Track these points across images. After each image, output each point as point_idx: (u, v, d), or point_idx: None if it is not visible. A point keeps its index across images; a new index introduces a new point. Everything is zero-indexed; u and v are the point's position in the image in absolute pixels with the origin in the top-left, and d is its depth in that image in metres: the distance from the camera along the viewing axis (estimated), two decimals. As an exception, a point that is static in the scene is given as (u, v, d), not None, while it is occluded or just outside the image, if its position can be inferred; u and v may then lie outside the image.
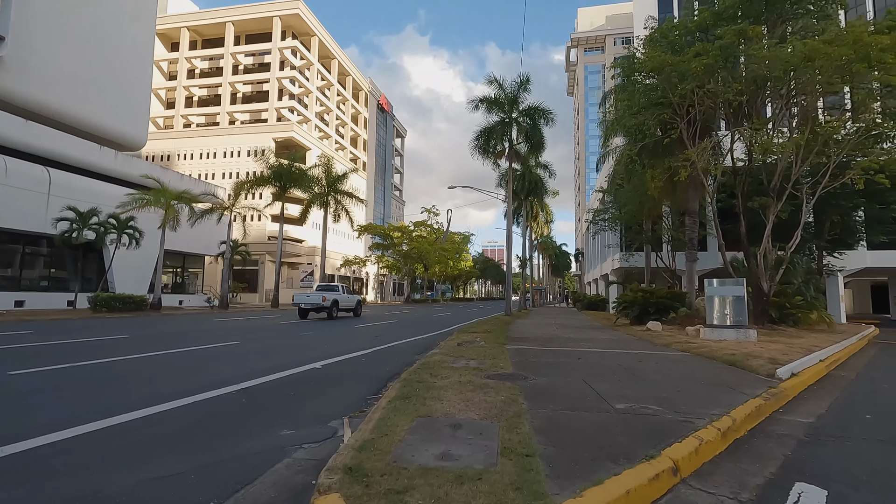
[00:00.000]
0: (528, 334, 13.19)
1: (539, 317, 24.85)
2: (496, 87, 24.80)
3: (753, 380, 6.36)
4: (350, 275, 67.74)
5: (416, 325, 18.06)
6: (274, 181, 29.49)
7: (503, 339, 10.97)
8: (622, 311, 15.74)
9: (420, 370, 6.42)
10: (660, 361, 7.88)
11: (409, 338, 12.86)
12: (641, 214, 20.27)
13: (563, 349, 9.51)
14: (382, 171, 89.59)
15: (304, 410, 4.78)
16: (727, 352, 8.68)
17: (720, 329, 11.23)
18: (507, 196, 25.75)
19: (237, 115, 62.59)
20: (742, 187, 13.78)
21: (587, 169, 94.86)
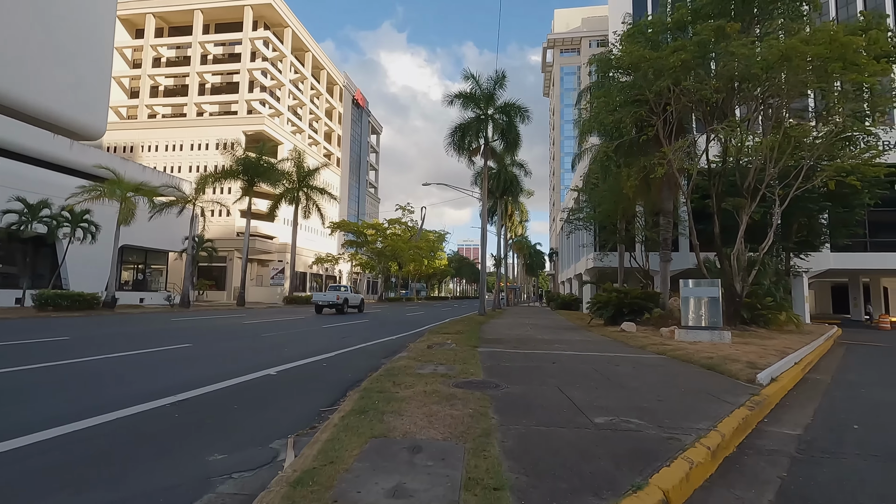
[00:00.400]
0: (501, 335, 12.79)
1: (513, 316, 24.58)
2: (472, 83, 24.38)
3: (734, 386, 6.07)
4: (323, 273, 66.44)
5: (388, 326, 17.48)
6: (241, 175, 28.32)
7: (475, 341, 10.53)
8: (596, 312, 15.54)
9: (383, 378, 5.89)
10: (637, 366, 7.55)
11: (378, 339, 12.29)
12: (616, 214, 20.18)
13: (537, 352, 9.12)
14: (357, 167, 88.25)
15: (245, 428, 4.19)
16: (704, 355, 8.43)
17: (695, 331, 11.05)
18: (482, 194, 25.38)
19: (206, 106, 60.48)
20: (716, 188, 13.71)
21: (562, 169, 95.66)
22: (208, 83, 61.28)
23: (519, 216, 48.42)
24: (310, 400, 5.25)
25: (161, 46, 61.26)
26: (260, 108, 59.86)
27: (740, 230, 12.80)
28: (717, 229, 13.91)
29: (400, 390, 5.08)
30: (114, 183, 21.86)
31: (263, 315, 22.19)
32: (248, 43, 59.02)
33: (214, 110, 60.84)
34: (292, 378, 6.60)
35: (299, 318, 20.51)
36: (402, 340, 11.89)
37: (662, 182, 16.20)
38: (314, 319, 19.45)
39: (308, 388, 6.04)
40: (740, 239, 12.91)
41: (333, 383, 6.20)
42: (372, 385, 5.39)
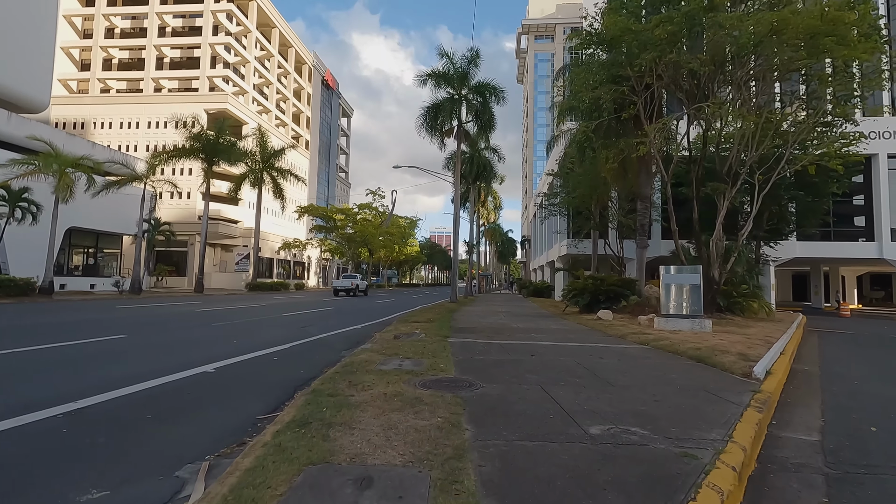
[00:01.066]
0: (474, 324, 12.09)
1: (486, 304, 24.00)
2: (446, 61, 23.36)
3: (731, 381, 5.50)
4: (290, 258, 64.49)
5: (354, 314, 16.56)
6: (199, 154, 26.48)
7: (447, 331, 9.76)
8: (572, 300, 15.04)
9: (338, 376, 5.05)
10: (622, 358, 6.93)
11: (342, 328, 11.39)
12: (592, 199, 19.69)
13: (513, 342, 8.43)
14: (327, 150, 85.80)
15: (150, 447, 3.29)
16: (690, 345, 7.90)
17: (675, 319, 10.60)
18: (454, 177, 24.53)
19: (164, 81, 57.17)
20: (695, 172, 13.28)
21: (535, 157, 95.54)
22: (167, 57, 57.86)
23: (492, 203, 47.85)
24: (246, 405, 4.37)
25: (115, 16, 57.42)
26: (223, 85, 57.01)
27: (720, 215, 12.42)
28: (696, 215, 13.52)
29: (355, 393, 4.26)
30: (49, 156, 19.88)
31: (221, 302, 20.88)
32: (209, 15, 55.89)
33: (174, 86, 57.59)
34: (232, 376, 5.67)
35: (259, 305, 19.33)
36: (367, 330, 11.03)
37: (640, 166, 15.73)
38: (273, 308, 18.34)
39: (248, 389, 5.13)
40: (719, 224, 12.53)
41: (280, 383, 5.31)
42: (323, 386, 4.54)
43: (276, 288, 34.78)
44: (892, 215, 26.99)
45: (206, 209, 28.15)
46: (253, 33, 60.69)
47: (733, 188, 12.19)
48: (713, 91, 12.47)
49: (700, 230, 13.70)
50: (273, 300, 23.49)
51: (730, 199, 12.27)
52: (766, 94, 12.56)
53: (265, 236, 57.96)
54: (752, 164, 12.25)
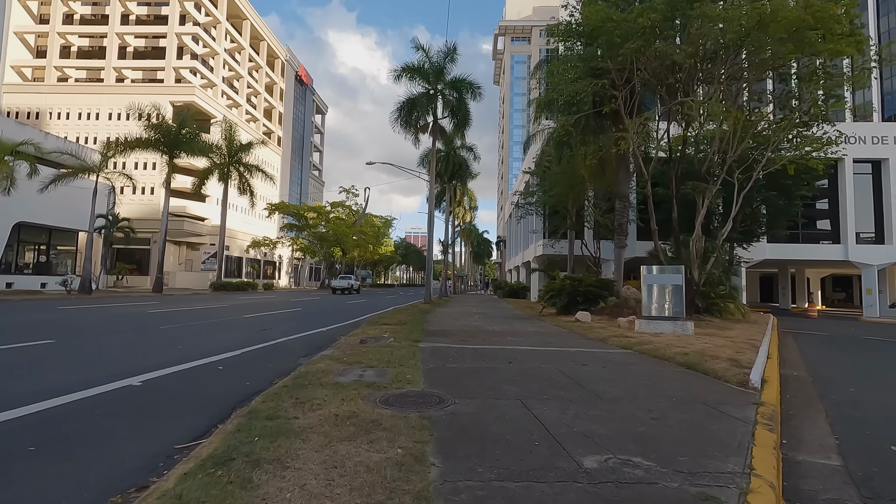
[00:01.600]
0: (448, 326, 11.44)
1: (460, 305, 23.40)
2: (422, 55, 22.67)
3: (728, 392, 5.00)
4: (261, 258, 62.62)
5: (322, 315, 15.70)
6: (160, 145, 24.96)
7: (418, 335, 9.07)
8: (549, 301, 14.57)
9: (286, 391, 4.30)
10: (606, 365, 6.38)
11: (306, 331, 10.57)
12: (569, 198, 19.30)
13: (489, 347, 7.80)
14: (300, 147, 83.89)
15: (10, 496, 2.50)
16: (676, 350, 7.43)
17: (657, 321, 10.18)
18: (429, 175, 23.86)
19: (127, 71, 54.63)
20: (675, 170, 12.96)
21: (511, 158, 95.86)
22: (130, 46, 55.30)
23: (468, 202, 47.35)
24: (166, 430, 3.58)
25: (73, 1, 54.57)
26: (190, 77, 54.82)
27: (700, 215, 12.11)
28: (675, 214, 13.20)
29: (301, 414, 3.53)
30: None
31: (179, 303, 19.65)
32: (176, 4, 53.69)
33: (137, 77, 55.10)
34: (163, 391, 4.85)
35: (220, 306, 18.22)
36: (333, 333, 10.25)
37: (619, 164, 15.38)
38: (235, 309, 17.30)
39: (176, 407, 4.33)
40: (699, 224, 12.22)
41: (218, 399, 4.53)
42: (264, 405, 3.79)
43: (242, 288, 33.38)
44: (857, 219, 27.64)
45: (165, 204, 26.58)
46: (223, 24, 58.66)
47: (714, 187, 11.89)
48: (693, 89, 12.16)
49: (679, 230, 13.39)
50: (237, 301, 22.33)
51: (710, 198, 11.97)
52: (747, 93, 12.32)
53: (234, 234, 56.12)
54: (732, 163, 11.98)
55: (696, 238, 12.45)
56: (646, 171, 12.54)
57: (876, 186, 28.25)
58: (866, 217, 28.18)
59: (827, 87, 10.64)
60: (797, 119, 12.02)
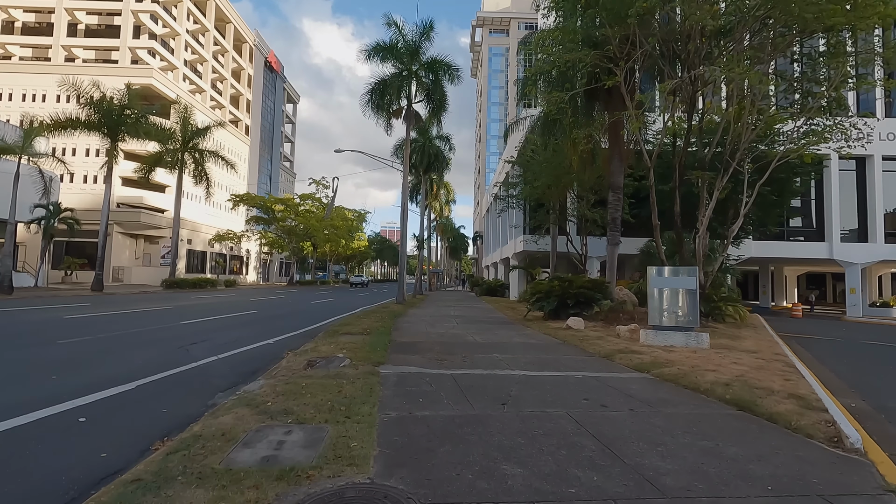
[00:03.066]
0: (421, 337, 9.67)
1: (436, 304, 21.65)
2: (395, 32, 20.70)
3: (828, 461, 3.39)
4: (227, 252, 59.52)
5: (278, 319, 13.73)
6: (101, 127, 22.19)
7: (382, 352, 7.27)
8: (535, 303, 12.95)
9: (138, 492, 2.47)
10: (633, 405, 4.72)
11: (248, 345, 8.64)
12: (555, 189, 17.73)
13: (472, 373, 6.07)
14: (270, 137, 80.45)
15: None
16: (709, 375, 5.85)
17: (667, 332, 8.64)
18: (403, 163, 21.96)
19: (77, 50, 50.70)
20: (679, 158, 11.48)
21: (488, 152, 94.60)
22: (81, 23, 51.34)
23: (445, 195, 45.56)
24: None
25: (17, -28, 50.19)
26: (148, 58, 51.26)
27: (707, 209, 10.66)
28: (678, 208, 11.73)
29: None
30: None
31: (115, 304, 17.30)
32: (132, -21, 49.98)
33: (90, 56, 51.23)
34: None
35: (160, 309, 16.01)
36: (281, 347, 8.36)
37: (612, 152, 13.86)
38: (176, 313, 15.16)
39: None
40: (706, 219, 10.77)
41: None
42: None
43: (201, 285, 30.81)
44: (842, 217, 27.07)
45: (107, 193, 23.70)
46: (184, 3, 55.05)
47: (725, 176, 10.44)
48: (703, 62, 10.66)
49: (681, 226, 11.94)
50: (187, 301, 20.04)
51: (720, 189, 10.51)
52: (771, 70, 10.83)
53: (197, 227, 52.96)
54: (745, 150, 10.55)
55: (702, 235, 11.00)
56: (648, 158, 11.00)
57: (860, 183, 27.72)
58: (850, 215, 27.66)
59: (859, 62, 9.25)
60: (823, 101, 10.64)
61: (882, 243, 26.41)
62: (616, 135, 13.56)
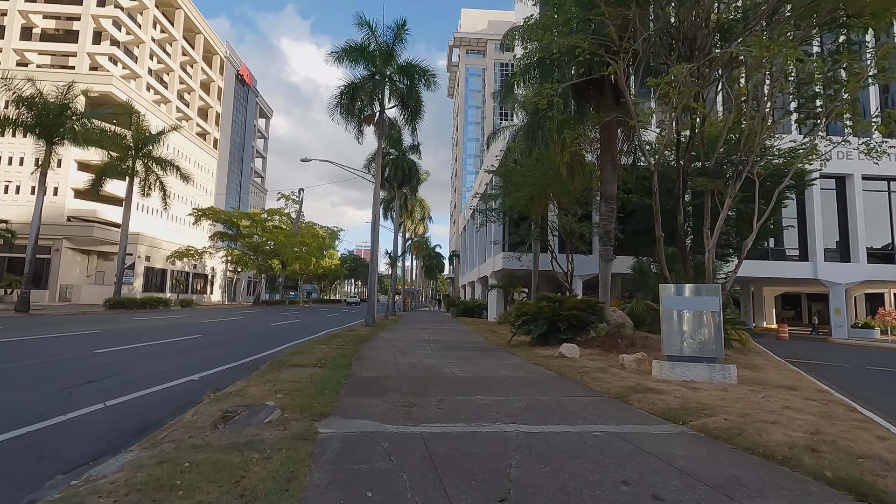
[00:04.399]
0: (386, 370, 7.89)
1: (409, 327, 19.81)
2: (367, 32, 19.26)
3: None
4: (190, 270, 56.20)
5: (222, 346, 11.72)
6: (34, 128, 19.77)
7: (330, 397, 5.48)
8: (521, 327, 11.34)
9: None
10: (700, 494, 3.07)
11: (159, 384, 6.71)
12: (540, 201, 16.31)
13: (451, 430, 4.35)
14: (240, 152, 77.89)
15: None
16: (777, 433, 4.28)
17: (686, 364, 7.11)
18: (375, 172, 20.31)
19: (31, 55, 47.80)
20: (682, 164, 10.19)
21: (464, 171, 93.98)
22: (37, 27, 48.57)
23: (420, 212, 43.96)
24: None
25: (-33, -28, 47.36)
26: (109, 65, 48.70)
27: (718, 220, 9.32)
28: (682, 218, 10.39)
29: None
30: None
31: (30, 328, 14.90)
32: (94, -17, 47.73)
33: (44, 62, 48.31)
34: None
35: (83, 333, 13.76)
36: (202, 387, 6.49)
37: (605, 157, 12.54)
38: (103, 338, 12.98)
39: None
40: (717, 233, 9.42)
41: None
42: None
43: (151, 305, 28.12)
44: (824, 236, 26.61)
45: (38, 201, 20.65)
46: (150, 10, 52.94)
47: (738, 182, 9.15)
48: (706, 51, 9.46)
49: (682, 240, 10.59)
50: (126, 324, 17.69)
51: (733, 198, 9.20)
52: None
53: (157, 243, 49.80)
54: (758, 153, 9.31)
55: (712, 249, 9.64)
56: (650, 161, 9.64)
57: (840, 203, 27.42)
58: (831, 234, 27.26)
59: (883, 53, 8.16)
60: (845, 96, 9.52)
61: (865, 263, 25.99)
62: (609, 139, 12.26)
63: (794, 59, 7.05)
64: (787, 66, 7.80)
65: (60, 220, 43.73)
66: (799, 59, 6.97)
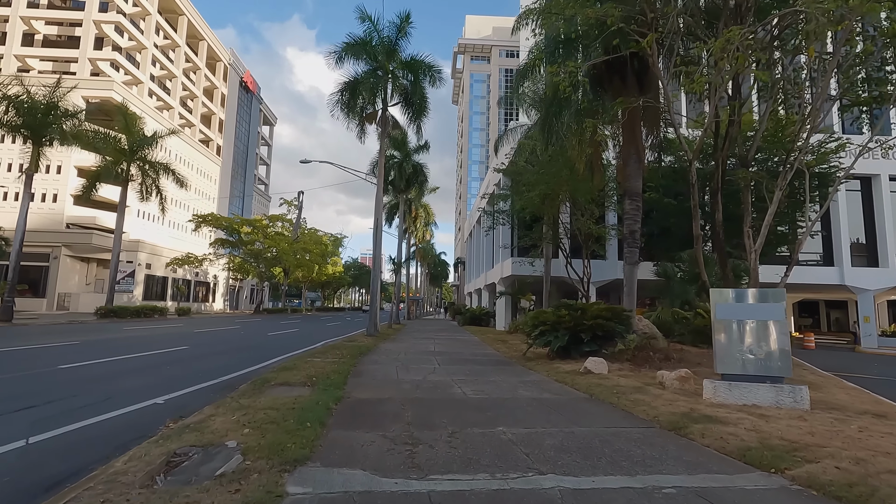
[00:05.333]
0: (386, 390, 6.72)
1: (414, 337, 18.63)
2: (368, 27, 18.29)
3: None
4: (192, 278, 55.27)
5: (207, 359, 10.60)
6: (20, 129, 18.79)
7: (312, 433, 4.31)
8: (539, 338, 10.14)
9: None
10: None
11: (115, 409, 5.59)
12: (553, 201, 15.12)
13: (470, 486, 3.17)
14: (244, 159, 77.32)
15: None
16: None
17: (746, 384, 5.89)
18: (378, 172, 19.23)
19: (32, 61, 47.43)
20: (721, 153, 9.00)
21: (469, 177, 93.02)
22: (39, 33, 48.23)
23: (424, 218, 42.90)
24: None
25: (-31, -22, 47.18)
26: (111, 71, 48.22)
27: (767, 216, 8.10)
28: (720, 215, 9.20)
29: None
30: None
31: (11, 338, 13.86)
32: (95, -11, 47.40)
33: (46, 68, 47.86)
34: None
35: (72, 342, 12.71)
36: (167, 412, 5.39)
37: (628, 149, 11.39)
38: (79, 349, 11.91)
39: None
40: (765, 230, 8.21)
41: None
42: None
43: (146, 314, 27.12)
44: (850, 239, 25.26)
45: (23, 205, 19.19)
46: (153, 16, 52.56)
47: (790, 173, 7.96)
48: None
49: (724, 238, 9.39)
50: (113, 334, 16.62)
51: (784, 190, 8.01)
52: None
53: (158, 251, 48.90)
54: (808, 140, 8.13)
55: (756, 249, 8.43)
56: (689, 149, 8.45)
57: (866, 204, 26.07)
58: (858, 238, 25.88)
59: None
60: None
61: (895, 267, 24.56)
62: (633, 130, 11.12)
63: (887, 6, 5.83)
64: (858, 30, 6.66)
65: (59, 227, 43.05)
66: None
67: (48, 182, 42.91)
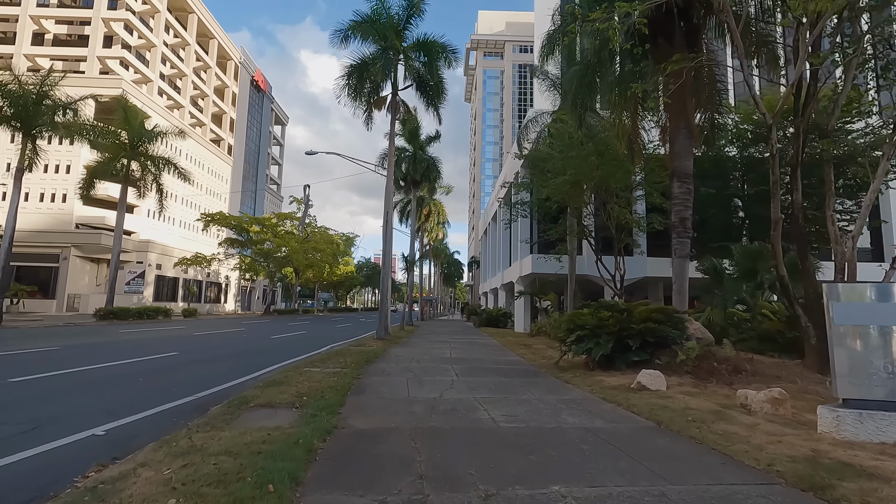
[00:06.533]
0: (391, 416, 5.20)
1: (427, 340, 17.16)
2: (377, 3, 16.85)
3: None
4: (203, 278, 54.58)
5: (195, 367, 9.26)
6: (11, 120, 17.75)
7: (276, 500, 2.81)
8: (575, 343, 8.58)
9: None
10: None
11: (22, 450, 4.18)
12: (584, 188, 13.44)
13: None
14: (255, 159, 76.70)
15: None
16: None
17: (887, 415, 4.27)
18: (388, 163, 17.80)
19: (42, 60, 47.03)
20: (803, 120, 7.35)
21: (483, 176, 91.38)
22: (49, 32, 47.90)
23: (437, 216, 41.41)
24: None
25: (-20, -22, 47.07)
26: (120, 69, 47.70)
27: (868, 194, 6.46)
28: (799, 196, 7.54)
29: None
30: None
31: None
32: (104, -14, 46.93)
33: (57, 67, 47.42)
34: None
35: (52, 348, 11.50)
36: (90, 455, 3.93)
37: (678, 126, 9.75)
38: (54, 356, 10.67)
39: None
40: (866, 211, 6.54)
41: None
42: None
43: (148, 315, 26.09)
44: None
45: (14, 200, 18.03)
46: (162, 14, 51.98)
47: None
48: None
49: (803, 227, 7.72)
50: (103, 338, 15.46)
51: (890, 158, 6.34)
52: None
53: (169, 251, 48.18)
54: None
55: (856, 237, 6.75)
56: (766, 115, 6.81)
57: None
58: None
59: None
60: None
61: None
62: (682, 101, 9.46)
63: None
64: None
65: (69, 227, 42.55)
66: None
67: (57, 182, 42.47)
